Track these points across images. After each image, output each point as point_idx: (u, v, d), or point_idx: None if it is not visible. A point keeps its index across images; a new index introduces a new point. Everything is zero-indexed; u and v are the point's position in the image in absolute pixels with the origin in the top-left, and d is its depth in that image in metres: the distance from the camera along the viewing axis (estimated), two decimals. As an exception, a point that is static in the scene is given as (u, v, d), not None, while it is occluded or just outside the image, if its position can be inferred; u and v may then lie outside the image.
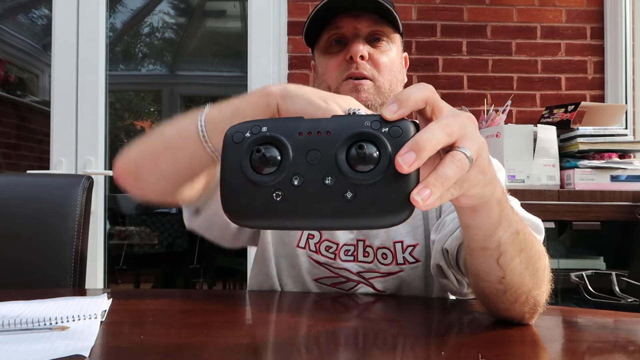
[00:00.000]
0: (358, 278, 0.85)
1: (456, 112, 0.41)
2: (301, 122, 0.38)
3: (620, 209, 1.66)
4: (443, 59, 2.14)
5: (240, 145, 0.38)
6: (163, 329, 0.62)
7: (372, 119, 0.37)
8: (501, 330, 0.58)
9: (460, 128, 0.38)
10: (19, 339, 0.53)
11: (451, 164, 0.37)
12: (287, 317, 0.72)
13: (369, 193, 0.36)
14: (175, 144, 0.64)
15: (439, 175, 0.36)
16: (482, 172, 0.41)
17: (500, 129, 1.77)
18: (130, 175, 0.69)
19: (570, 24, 2.18)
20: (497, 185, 0.46)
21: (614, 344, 0.57)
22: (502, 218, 0.49)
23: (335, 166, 0.36)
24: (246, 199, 0.38)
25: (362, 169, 0.36)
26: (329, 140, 0.37)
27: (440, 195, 0.36)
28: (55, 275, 1.03)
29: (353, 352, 0.53)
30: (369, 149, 0.36)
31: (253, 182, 0.37)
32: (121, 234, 3.07)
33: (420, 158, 0.35)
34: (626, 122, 2.10)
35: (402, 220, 0.36)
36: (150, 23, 3.36)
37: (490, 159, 0.43)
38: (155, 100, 3.84)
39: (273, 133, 0.37)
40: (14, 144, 3.32)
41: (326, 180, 0.36)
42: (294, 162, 0.37)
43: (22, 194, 1.08)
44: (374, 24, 0.86)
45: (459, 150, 0.38)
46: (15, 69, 3.41)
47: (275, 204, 0.37)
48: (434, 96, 0.40)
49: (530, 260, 0.55)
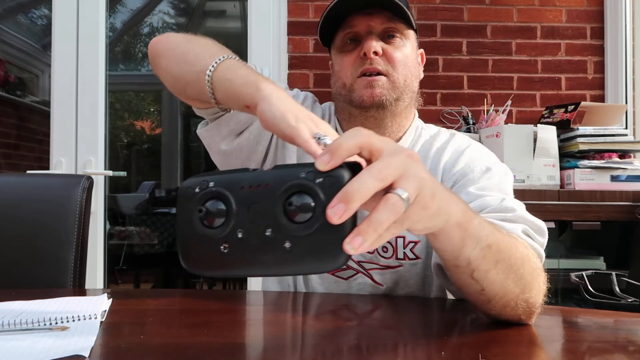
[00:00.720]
0: (358, 267, 0.85)
1: (396, 151, 0.41)
2: (245, 175, 0.41)
3: (620, 209, 1.66)
4: (443, 59, 2.14)
5: (190, 200, 0.41)
6: (163, 329, 0.62)
7: (307, 169, 0.39)
8: (501, 330, 0.58)
9: (395, 170, 0.39)
10: (19, 339, 0.53)
11: (384, 209, 0.38)
12: (287, 317, 0.72)
13: (305, 243, 0.38)
14: (191, 70, 0.68)
15: (371, 221, 0.38)
16: (423, 208, 0.42)
17: (500, 129, 1.77)
18: (151, 57, 0.78)
19: (570, 24, 2.18)
20: (452, 211, 0.47)
21: (614, 344, 0.57)
22: (466, 239, 0.50)
23: (274, 218, 0.39)
24: (198, 251, 0.41)
25: (298, 219, 0.38)
26: (268, 193, 0.39)
27: (375, 239, 0.38)
28: (55, 275, 1.03)
29: (353, 351, 0.53)
30: (303, 200, 0.38)
31: (202, 236, 0.40)
32: (121, 234, 3.07)
33: (350, 209, 0.37)
34: (626, 122, 2.10)
35: (339, 266, 0.39)
36: (150, 23, 3.36)
37: (434, 192, 0.43)
38: (155, 100, 3.84)
39: (218, 188, 0.40)
40: (13, 144, 3.32)
41: (266, 232, 0.39)
42: (238, 215, 0.40)
43: (22, 194, 1.08)
44: (387, 21, 0.87)
45: (394, 193, 0.39)
46: (15, 69, 3.41)
47: (223, 255, 0.40)
48: (369, 140, 0.41)
49: (511, 269, 0.55)
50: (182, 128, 3.57)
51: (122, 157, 3.46)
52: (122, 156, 3.49)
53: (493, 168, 0.83)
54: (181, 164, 3.55)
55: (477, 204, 0.74)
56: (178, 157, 3.52)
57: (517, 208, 0.72)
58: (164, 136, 3.62)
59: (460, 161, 0.85)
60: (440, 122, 2.10)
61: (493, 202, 0.73)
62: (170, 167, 3.59)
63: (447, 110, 2.12)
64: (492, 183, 0.79)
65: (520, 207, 0.73)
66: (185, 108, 3.58)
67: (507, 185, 0.82)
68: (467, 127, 1.98)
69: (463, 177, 0.82)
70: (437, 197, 0.43)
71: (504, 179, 0.82)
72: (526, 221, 0.70)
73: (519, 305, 0.57)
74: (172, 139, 3.53)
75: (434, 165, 0.87)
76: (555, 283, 1.76)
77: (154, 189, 3.35)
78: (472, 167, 0.83)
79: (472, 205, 0.74)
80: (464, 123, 2.00)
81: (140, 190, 3.38)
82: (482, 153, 0.88)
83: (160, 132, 3.74)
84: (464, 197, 0.77)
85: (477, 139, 1.75)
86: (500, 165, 0.85)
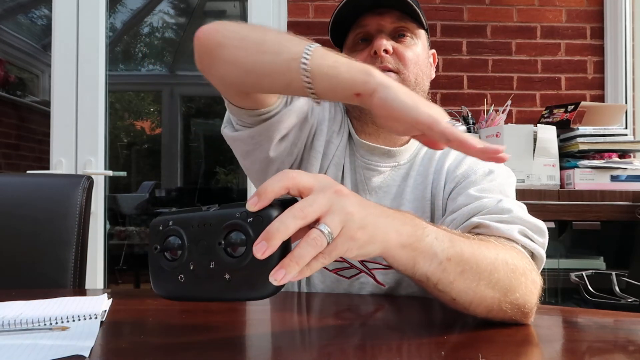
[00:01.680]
0: (361, 266, 0.85)
1: (324, 188, 0.45)
2: (195, 215, 0.47)
3: (620, 209, 1.66)
4: (443, 59, 2.14)
5: (156, 236, 0.48)
6: (163, 329, 0.62)
7: (242, 209, 0.44)
8: (501, 330, 0.58)
9: (318, 207, 0.44)
10: (19, 339, 0.53)
11: (306, 244, 0.43)
12: (288, 317, 0.72)
13: (240, 274, 0.44)
14: (274, 60, 0.62)
15: (294, 256, 0.42)
16: (351, 239, 0.45)
17: (500, 129, 1.77)
18: (208, 49, 0.68)
19: (570, 24, 2.18)
20: (390, 239, 0.49)
21: (614, 344, 0.57)
22: (417, 257, 0.52)
23: (216, 253, 0.45)
24: (163, 279, 0.48)
25: (235, 254, 0.44)
26: (211, 231, 0.45)
27: (298, 272, 0.42)
28: (55, 275, 1.03)
29: (354, 351, 0.53)
30: (237, 237, 0.44)
31: (165, 267, 0.47)
32: (121, 234, 3.07)
33: (272, 246, 0.42)
34: (626, 122, 2.10)
35: (267, 295, 0.44)
36: (150, 23, 3.36)
37: (365, 223, 0.46)
38: (155, 100, 3.84)
39: (175, 227, 0.47)
40: (13, 144, 3.32)
41: (211, 265, 0.45)
42: (189, 250, 0.46)
43: (22, 194, 1.08)
44: (398, 20, 0.87)
45: (316, 228, 0.43)
46: (15, 69, 3.41)
47: (180, 284, 0.47)
48: (294, 181, 0.45)
49: (481, 275, 0.55)
50: (182, 128, 3.57)
51: (122, 157, 3.46)
52: (122, 156, 3.48)
53: (496, 170, 0.83)
54: (181, 164, 3.55)
55: (474, 205, 0.74)
56: (178, 157, 3.52)
57: (514, 209, 0.72)
58: (164, 136, 3.62)
59: (464, 163, 0.85)
60: (440, 122, 2.10)
61: (490, 204, 0.73)
62: (170, 167, 3.59)
63: (447, 110, 2.10)
64: (494, 185, 0.79)
65: (518, 208, 0.73)
66: (185, 108, 3.58)
67: (509, 187, 0.82)
68: (467, 127, 1.98)
69: (465, 179, 0.82)
70: (368, 227, 0.47)
71: (506, 181, 0.82)
72: (524, 222, 0.70)
73: (505, 308, 0.57)
74: (172, 139, 3.52)
75: (439, 167, 0.87)
76: (555, 283, 1.76)
77: (154, 189, 3.35)
78: (475, 169, 0.84)
79: (470, 207, 0.74)
80: (464, 123, 2.00)
81: (140, 190, 3.37)
82: None
83: (160, 132, 3.73)
84: (463, 199, 0.77)
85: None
86: (503, 168, 0.85)
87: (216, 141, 3.33)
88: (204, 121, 3.78)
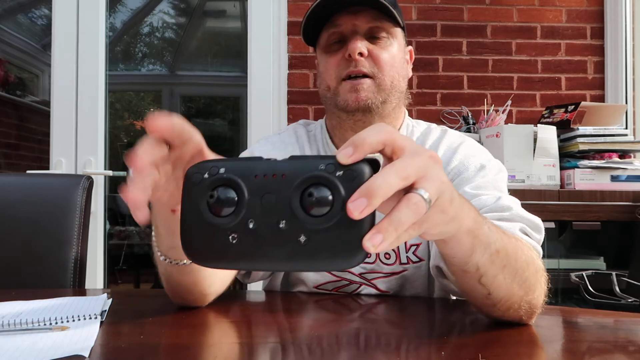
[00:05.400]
0: (360, 280, 0.84)
1: (418, 151, 0.39)
2: (258, 163, 0.38)
3: (620, 209, 1.66)
4: (443, 59, 2.14)
5: (198, 186, 0.38)
6: (163, 329, 0.62)
7: (327, 161, 0.37)
8: (501, 330, 0.58)
9: (418, 170, 0.38)
10: (19, 339, 0.53)
11: (406, 208, 0.37)
12: (288, 317, 0.72)
13: (321, 237, 0.36)
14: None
15: (392, 220, 0.36)
16: (442, 212, 0.41)
17: (500, 129, 1.77)
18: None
19: (570, 24, 2.17)
20: (465, 218, 0.46)
21: (614, 344, 0.57)
22: (475, 245, 0.49)
23: (289, 210, 0.36)
24: (204, 241, 0.38)
25: (315, 213, 0.36)
26: (284, 184, 0.37)
27: (394, 239, 0.36)
28: (55, 275, 1.03)
29: (354, 352, 0.53)
30: (322, 193, 0.36)
31: (210, 224, 0.38)
32: (121, 234, 3.07)
33: (372, 205, 0.35)
34: (626, 122, 2.10)
35: (355, 264, 0.37)
36: (150, 23, 3.36)
37: (452, 196, 0.42)
38: (155, 100, 3.84)
39: (230, 175, 0.38)
40: (13, 144, 3.32)
41: (280, 224, 0.37)
42: (250, 205, 0.37)
43: (22, 194, 1.08)
44: (373, 19, 0.84)
45: (416, 192, 0.37)
46: (15, 69, 3.41)
47: (231, 246, 0.37)
48: (392, 137, 0.39)
49: (517, 272, 0.55)
50: (182, 128, 3.56)
51: (122, 157, 3.46)
52: (122, 156, 3.48)
53: (487, 165, 0.82)
54: (181, 164, 3.54)
55: (473, 204, 0.74)
56: (178, 157, 3.51)
57: (513, 206, 0.72)
58: (164, 136, 3.61)
59: (455, 159, 0.84)
60: (440, 122, 2.10)
61: (489, 202, 0.73)
62: (170, 167, 3.58)
63: (447, 110, 2.12)
64: (487, 181, 0.79)
65: (515, 204, 0.73)
66: (185, 108, 3.58)
67: (501, 182, 0.81)
68: (467, 127, 1.98)
69: (458, 176, 0.82)
70: (454, 203, 0.42)
71: (498, 176, 0.82)
72: (522, 219, 0.70)
73: (522, 307, 0.57)
74: (172, 139, 3.52)
75: None
76: (555, 283, 1.76)
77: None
78: (466, 165, 0.83)
79: None
80: (464, 123, 2.00)
81: (140, 190, 3.37)
82: (476, 150, 0.87)
83: (160, 132, 3.73)
84: None
85: (477, 139, 1.75)
86: (494, 162, 0.84)
87: (216, 141, 3.32)
88: (204, 121, 3.77)
